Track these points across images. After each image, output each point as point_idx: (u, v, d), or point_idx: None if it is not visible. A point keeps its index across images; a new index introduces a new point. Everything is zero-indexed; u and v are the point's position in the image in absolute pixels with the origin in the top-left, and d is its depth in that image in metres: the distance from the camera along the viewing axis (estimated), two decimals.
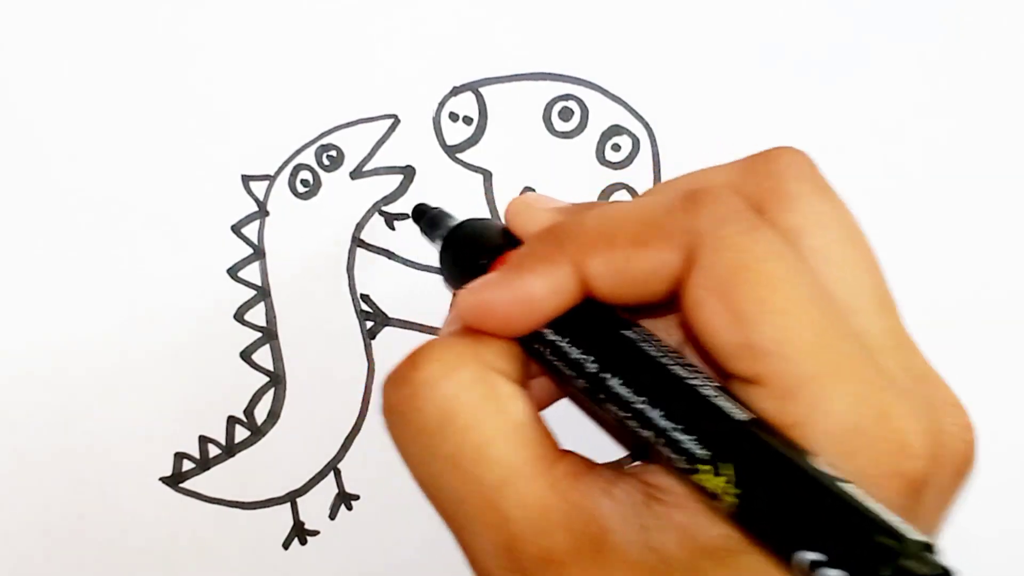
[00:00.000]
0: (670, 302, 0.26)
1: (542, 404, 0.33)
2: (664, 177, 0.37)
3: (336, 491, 0.36)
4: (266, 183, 0.36)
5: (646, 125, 0.36)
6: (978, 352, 0.37)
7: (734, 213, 0.25)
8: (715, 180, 0.27)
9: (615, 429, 0.33)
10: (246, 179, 0.36)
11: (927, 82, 0.37)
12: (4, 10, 0.35)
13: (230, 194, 0.36)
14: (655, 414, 0.24)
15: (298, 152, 0.36)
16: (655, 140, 0.36)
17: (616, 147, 0.36)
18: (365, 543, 0.36)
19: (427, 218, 0.34)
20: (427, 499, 0.27)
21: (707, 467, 0.23)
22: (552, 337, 0.27)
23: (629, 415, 0.25)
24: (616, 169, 0.36)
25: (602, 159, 0.36)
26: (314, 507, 0.36)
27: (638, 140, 0.36)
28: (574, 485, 0.25)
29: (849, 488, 0.22)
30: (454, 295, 0.29)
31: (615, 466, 0.27)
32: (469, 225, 0.32)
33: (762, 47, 0.37)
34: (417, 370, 0.26)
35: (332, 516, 0.36)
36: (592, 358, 0.26)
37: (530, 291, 0.26)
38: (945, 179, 0.37)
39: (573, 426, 0.34)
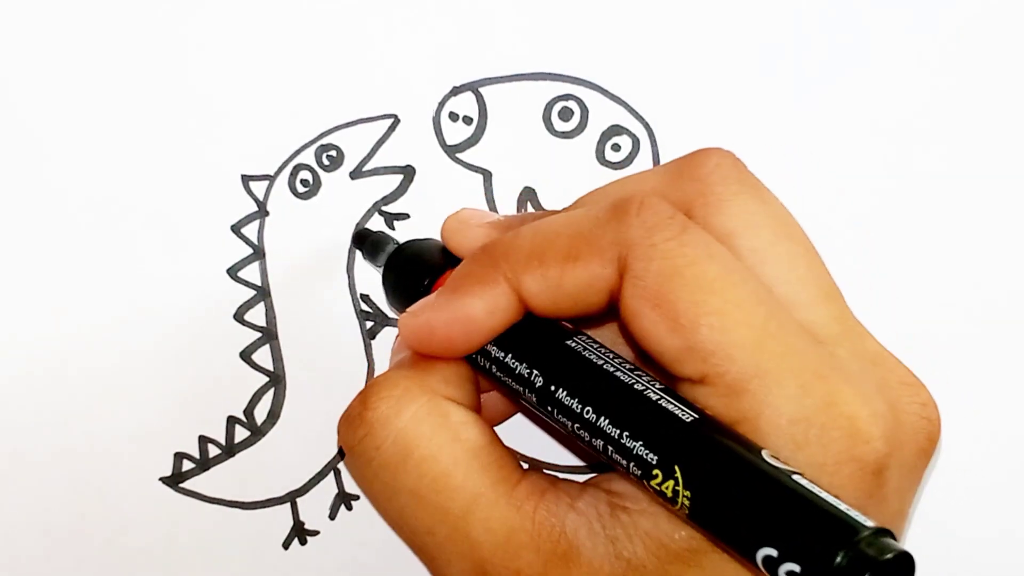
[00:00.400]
0: (614, 310, 0.26)
1: (500, 418, 0.33)
2: None
3: (336, 491, 0.36)
4: (266, 183, 0.36)
5: (646, 125, 0.36)
6: (978, 352, 0.37)
7: (663, 220, 0.25)
8: (643, 187, 0.27)
9: (570, 441, 0.33)
10: (246, 179, 0.36)
11: (927, 82, 0.37)
12: (4, 10, 0.35)
13: (230, 194, 0.36)
14: (603, 422, 0.24)
15: (298, 152, 0.36)
16: (655, 140, 0.36)
17: (616, 147, 0.36)
18: (365, 543, 0.36)
19: (368, 243, 0.34)
20: (396, 533, 0.28)
21: (658, 471, 0.23)
22: (497, 354, 0.27)
23: (579, 425, 0.25)
24: (616, 169, 0.36)
25: (602, 159, 0.36)
26: (314, 507, 0.36)
27: (638, 140, 0.36)
28: (538, 504, 0.25)
29: (798, 480, 0.22)
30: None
31: (579, 477, 0.27)
32: (409, 246, 0.33)
33: (762, 47, 0.37)
34: (369, 409, 0.27)
35: (332, 516, 0.36)
36: (537, 371, 0.26)
37: (468, 312, 0.27)
38: (945, 179, 0.37)
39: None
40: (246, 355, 0.36)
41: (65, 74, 0.35)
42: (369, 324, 0.36)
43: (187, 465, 0.35)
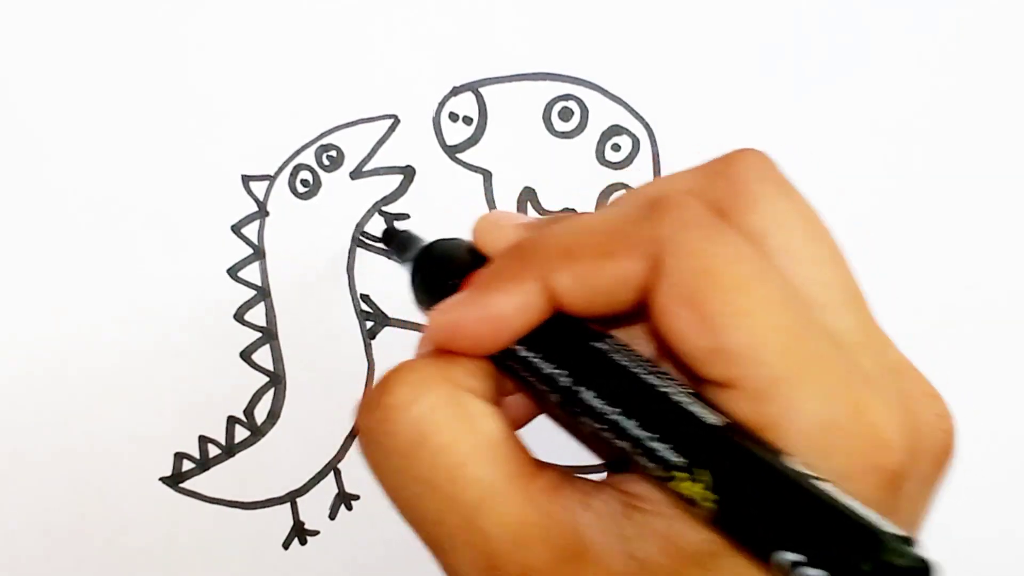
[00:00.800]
0: (640, 311, 0.26)
1: (521, 421, 0.33)
2: None
3: (336, 491, 0.36)
4: (266, 183, 0.36)
5: (646, 125, 0.36)
6: (978, 352, 0.37)
7: (696, 218, 0.25)
8: (676, 187, 0.27)
9: (592, 441, 0.33)
10: (246, 179, 0.36)
11: (927, 82, 0.37)
12: (4, 10, 0.35)
13: (230, 194, 0.36)
14: (630, 424, 0.24)
15: (298, 152, 0.36)
16: (655, 140, 0.36)
17: (616, 147, 0.36)
18: (365, 543, 0.36)
19: (397, 241, 0.34)
20: (406, 523, 0.27)
21: (683, 474, 0.23)
22: (524, 353, 0.27)
23: (604, 427, 0.25)
24: (616, 169, 0.36)
25: (602, 159, 0.36)
26: (314, 507, 0.36)
27: (638, 140, 0.36)
28: (552, 499, 0.25)
29: (825, 487, 0.22)
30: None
31: (593, 477, 0.27)
32: (439, 246, 0.33)
33: (762, 47, 0.37)
34: (387, 395, 0.27)
35: (332, 516, 0.36)
36: (565, 372, 0.26)
37: (498, 309, 0.27)
38: (945, 179, 0.37)
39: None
40: (246, 355, 0.36)
41: (65, 74, 0.36)
42: (369, 324, 0.36)
43: (187, 465, 0.35)
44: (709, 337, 0.24)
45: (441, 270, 0.31)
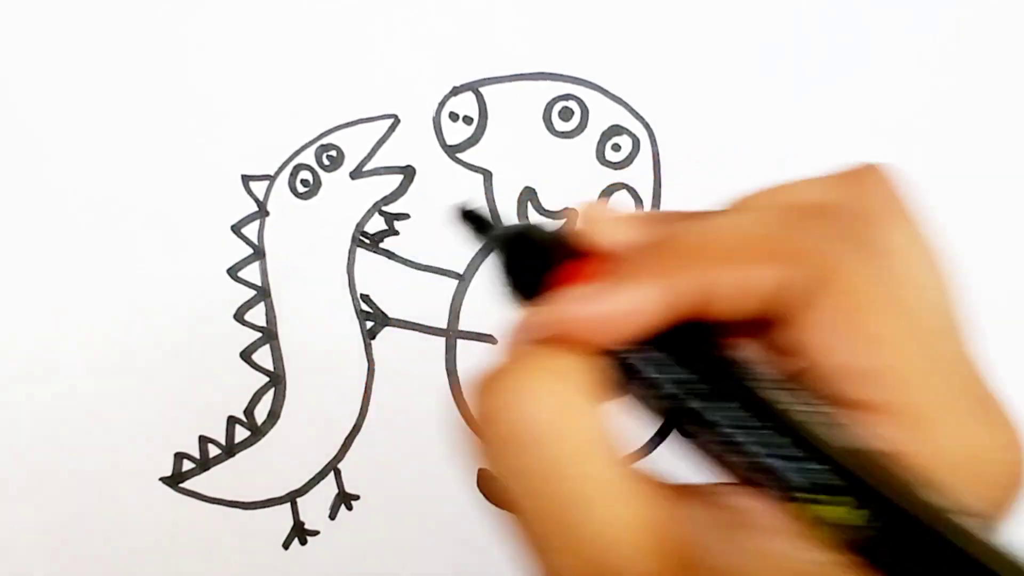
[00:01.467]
0: (766, 323, 0.25)
1: None
2: (664, 177, 0.36)
3: (336, 491, 0.36)
4: (266, 183, 0.36)
5: (646, 125, 0.36)
6: (978, 352, 0.36)
7: (850, 234, 0.25)
8: (809, 196, 0.27)
9: (699, 454, 0.32)
10: (246, 179, 0.36)
11: (927, 82, 0.37)
12: (4, 10, 0.35)
13: (230, 194, 0.36)
14: (762, 441, 0.24)
15: (298, 152, 0.36)
16: (655, 140, 0.36)
17: (616, 147, 0.36)
18: (365, 543, 0.36)
19: (474, 220, 0.33)
20: (513, 515, 0.27)
21: (823, 496, 0.22)
22: (647, 355, 0.26)
23: (730, 442, 0.24)
24: (616, 169, 0.36)
25: (602, 159, 0.36)
26: (314, 507, 0.36)
27: (638, 140, 0.36)
28: (663, 508, 0.25)
29: (974, 523, 0.21)
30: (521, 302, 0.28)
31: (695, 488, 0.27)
32: (537, 231, 0.31)
33: (762, 47, 0.37)
34: (513, 380, 0.26)
35: (332, 516, 0.36)
36: (694, 380, 0.25)
37: (630, 304, 0.26)
38: (945, 179, 0.37)
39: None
40: (246, 355, 0.36)
41: (65, 74, 0.35)
42: (369, 324, 0.36)
43: (187, 465, 0.35)
44: (858, 356, 0.23)
45: (540, 258, 0.30)
